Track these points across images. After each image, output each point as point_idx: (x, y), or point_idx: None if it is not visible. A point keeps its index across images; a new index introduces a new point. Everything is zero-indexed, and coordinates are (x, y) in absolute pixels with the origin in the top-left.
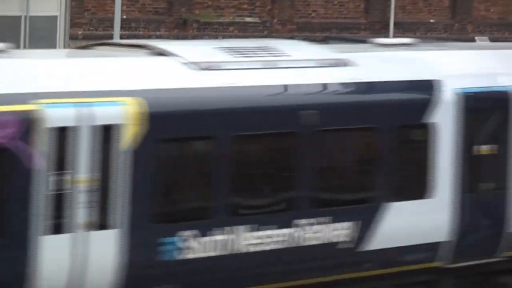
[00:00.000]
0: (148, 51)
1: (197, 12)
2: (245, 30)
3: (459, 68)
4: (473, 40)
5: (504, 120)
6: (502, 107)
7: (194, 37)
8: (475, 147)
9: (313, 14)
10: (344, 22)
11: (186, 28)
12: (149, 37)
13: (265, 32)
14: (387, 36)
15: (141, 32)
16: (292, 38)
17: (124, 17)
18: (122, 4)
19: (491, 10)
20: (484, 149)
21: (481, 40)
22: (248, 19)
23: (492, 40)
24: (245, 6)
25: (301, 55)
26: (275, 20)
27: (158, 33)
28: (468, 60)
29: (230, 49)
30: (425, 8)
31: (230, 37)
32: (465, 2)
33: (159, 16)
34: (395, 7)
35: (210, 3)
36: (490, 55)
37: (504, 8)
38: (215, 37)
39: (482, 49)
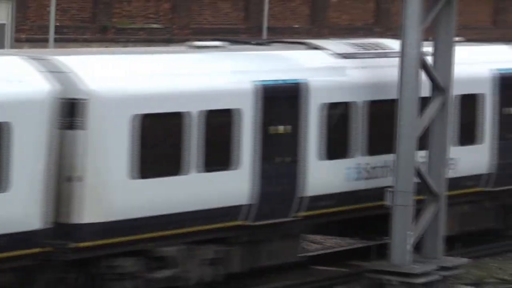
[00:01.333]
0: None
1: (114, 20)
2: (152, 34)
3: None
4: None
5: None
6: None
7: (112, 41)
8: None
9: (205, 21)
10: (228, 27)
11: (106, 33)
12: (76, 40)
13: (167, 36)
14: (261, 38)
15: (71, 36)
16: (188, 40)
17: (58, 24)
18: (56, 14)
19: (343, 17)
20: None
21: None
22: (154, 26)
23: None
24: (152, 15)
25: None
26: (174, 26)
27: (84, 37)
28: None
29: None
30: (291, 15)
31: (140, 40)
32: (322, 11)
33: (85, 23)
34: (268, 15)
35: (124, 13)
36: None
37: (352, 16)
38: (129, 40)
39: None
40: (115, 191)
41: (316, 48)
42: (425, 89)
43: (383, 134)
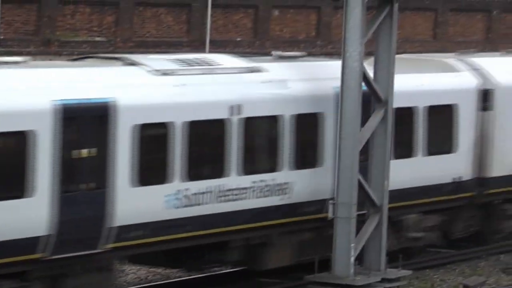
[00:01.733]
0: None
1: (58, 33)
2: (95, 47)
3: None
4: (270, 55)
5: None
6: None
7: (56, 53)
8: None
9: (147, 34)
10: (171, 40)
11: (50, 46)
12: (21, 53)
13: (111, 49)
14: (204, 51)
15: (15, 49)
16: (132, 53)
17: (2, 37)
18: (0, 27)
19: (284, 31)
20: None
21: (276, 54)
22: (97, 39)
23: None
24: (95, 28)
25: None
26: (118, 39)
27: (28, 49)
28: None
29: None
30: (233, 29)
31: (84, 53)
32: (264, 24)
33: (29, 36)
34: (210, 28)
35: (68, 26)
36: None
37: (293, 29)
38: (72, 53)
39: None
40: None
41: (132, 64)
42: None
43: (205, 157)
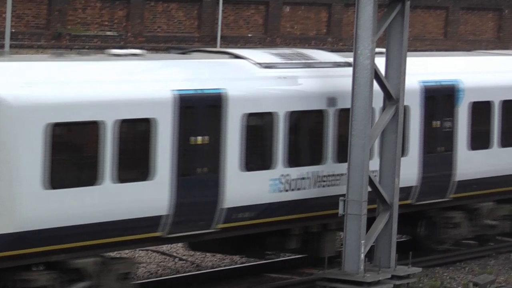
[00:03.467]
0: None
1: (69, 27)
2: (106, 41)
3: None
4: None
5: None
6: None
7: (66, 47)
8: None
9: (158, 29)
10: (182, 35)
11: (60, 40)
12: (31, 47)
13: (122, 43)
14: (215, 46)
15: (26, 43)
16: (142, 48)
17: (13, 30)
18: (11, 20)
19: (295, 27)
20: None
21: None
22: (108, 33)
23: None
24: (106, 22)
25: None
26: (129, 34)
27: (39, 43)
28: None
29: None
30: (244, 25)
31: (94, 47)
32: (275, 21)
33: (40, 30)
34: (222, 23)
35: (79, 20)
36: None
37: (304, 26)
38: (83, 47)
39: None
40: None
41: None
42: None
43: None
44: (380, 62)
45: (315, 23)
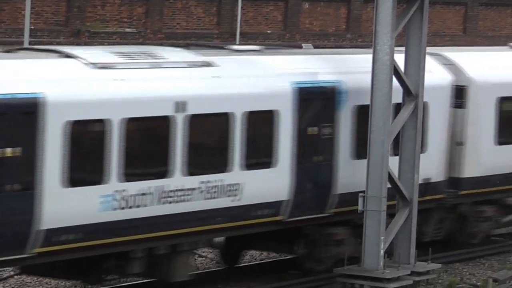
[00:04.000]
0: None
1: (88, 24)
2: (125, 38)
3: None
4: (300, 47)
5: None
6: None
7: (86, 44)
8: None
9: (177, 26)
10: (201, 32)
11: (79, 37)
12: (51, 43)
13: (141, 40)
14: (234, 43)
15: (45, 39)
16: (161, 45)
17: (32, 27)
18: (30, 17)
19: (314, 24)
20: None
21: (307, 47)
22: (127, 30)
23: (315, 47)
24: (125, 19)
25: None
26: (148, 31)
27: (58, 40)
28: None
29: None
30: (263, 21)
31: (114, 43)
32: (294, 17)
33: (59, 27)
34: (241, 20)
35: (98, 16)
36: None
37: (323, 22)
38: (102, 44)
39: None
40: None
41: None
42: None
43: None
44: (398, 59)
45: (334, 19)
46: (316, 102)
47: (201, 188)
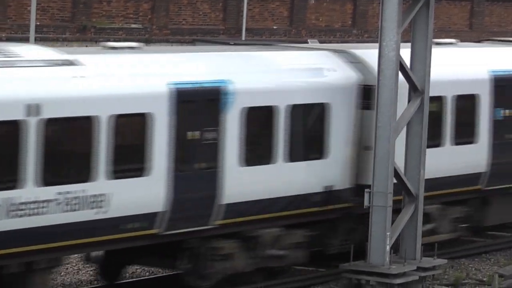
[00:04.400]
0: None
1: (94, 20)
2: (131, 34)
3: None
4: (306, 42)
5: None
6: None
7: (91, 40)
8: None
9: (183, 22)
10: (207, 28)
11: (85, 33)
12: (57, 39)
13: (147, 36)
14: (240, 39)
15: (51, 35)
16: (167, 41)
17: (38, 23)
18: (36, 13)
19: (320, 19)
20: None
21: (313, 42)
22: (133, 26)
23: (321, 42)
24: (131, 15)
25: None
26: (154, 26)
27: (64, 36)
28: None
29: None
30: (269, 17)
31: (119, 40)
32: (300, 12)
33: (65, 23)
34: (247, 16)
35: (104, 12)
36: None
37: (329, 18)
38: (108, 40)
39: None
40: None
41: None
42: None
43: None
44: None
45: (340, 15)
46: (197, 104)
47: (58, 199)
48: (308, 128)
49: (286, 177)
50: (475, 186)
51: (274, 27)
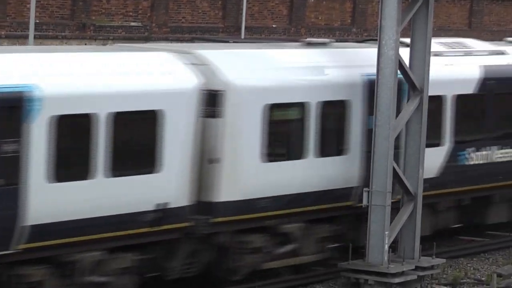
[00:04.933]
0: None
1: (93, 17)
2: (130, 32)
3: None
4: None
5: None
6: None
7: (91, 38)
8: None
9: (183, 20)
10: (207, 26)
11: (85, 30)
12: (56, 37)
13: (146, 34)
14: (240, 37)
15: (50, 33)
16: (166, 39)
17: (37, 21)
18: (36, 11)
19: (319, 18)
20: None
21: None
22: (132, 23)
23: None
24: (131, 13)
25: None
26: (153, 24)
27: (63, 33)
28: None
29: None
30: (269, 15)
31: (119, 38)
32: (299, 11)
33: (64, 20)
34: (246, 14)
35: (103, 10)
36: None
37: (329, 16)
38: (108, 38)
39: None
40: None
41: None
42: None
43: None
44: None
45: (340, 13)
46: None
47: None
48: (136, 138)
49: (107, 194)
50: (346, 202)
51: (274, 26)
